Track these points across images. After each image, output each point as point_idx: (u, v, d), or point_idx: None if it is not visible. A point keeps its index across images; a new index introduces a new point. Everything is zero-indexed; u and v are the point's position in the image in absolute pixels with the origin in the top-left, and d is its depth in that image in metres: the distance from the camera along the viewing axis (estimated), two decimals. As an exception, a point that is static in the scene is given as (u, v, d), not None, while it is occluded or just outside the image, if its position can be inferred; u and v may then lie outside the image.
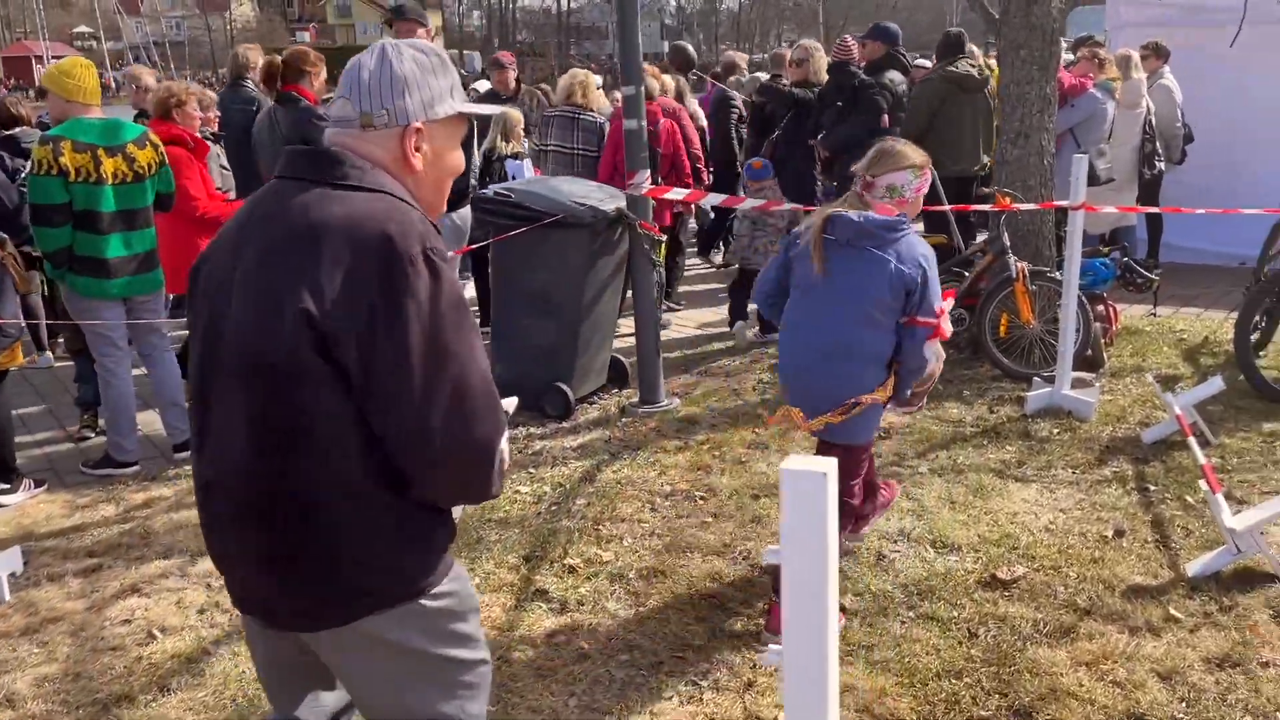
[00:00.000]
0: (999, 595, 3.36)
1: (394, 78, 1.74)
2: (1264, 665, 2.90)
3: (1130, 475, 4.28)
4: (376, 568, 1.72)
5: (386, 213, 1.66)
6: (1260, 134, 7.84)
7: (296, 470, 1.67)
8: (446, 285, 1.65)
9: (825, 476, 1.10)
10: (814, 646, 1.11)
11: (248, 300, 1.68)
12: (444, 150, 1.82)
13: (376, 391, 1.63)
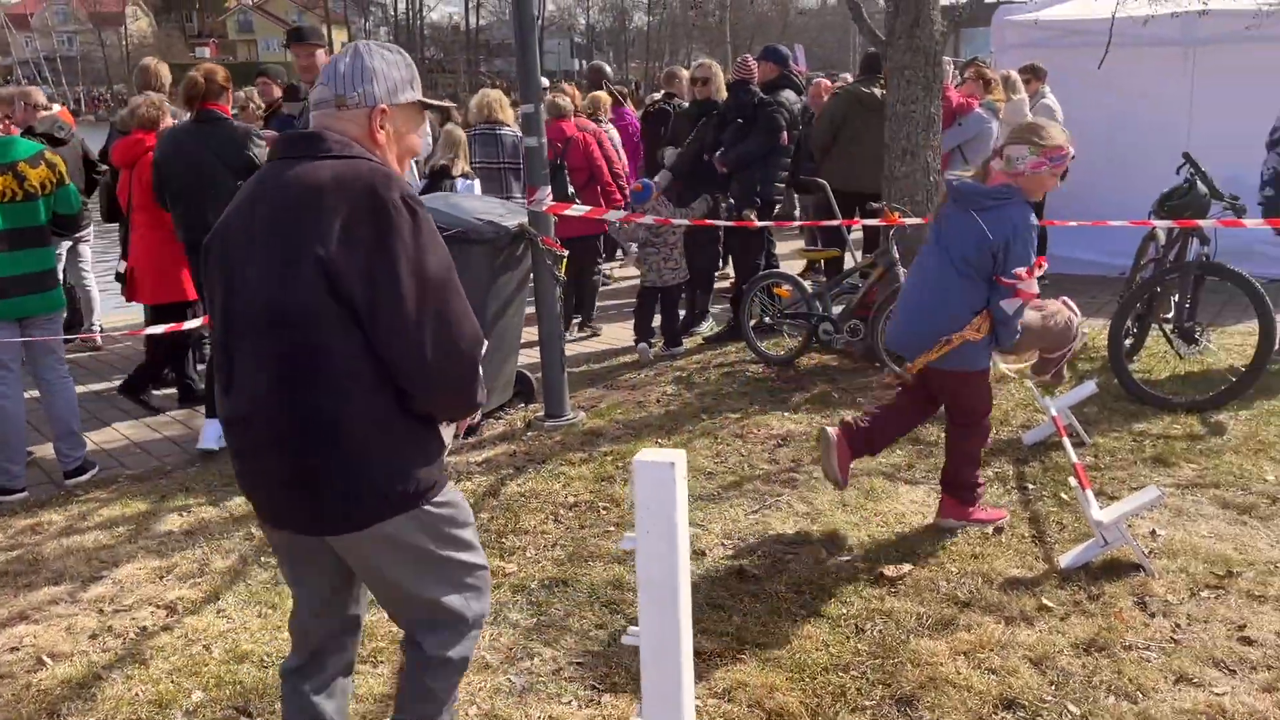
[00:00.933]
0: (885, 591, 3.50)
1: (364, 68, 2.14)
2: (1127, 648, 3.09)
3: (1011, 475, 4.50)
4: (388, 479, 2.08)
5: (369, 170, 2.05)
6: (1132, 150, 8.29)
7: (318, 399, 2.02)
8: (423, 222, 2.03)
9: (673, 466, 1.19)
10: (668, 623, 1.19)
11: (267, 259, 2.03)
12: (404, 131, 2.21)
13: (378, 316, 1.98)
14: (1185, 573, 3.52)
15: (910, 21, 5.83)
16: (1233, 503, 4.07)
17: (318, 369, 2.01)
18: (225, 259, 2.12)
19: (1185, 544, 3.72)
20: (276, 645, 3.31)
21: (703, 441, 5.08)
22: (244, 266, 2.07)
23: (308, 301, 1.98)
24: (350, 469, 2.06)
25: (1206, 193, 5.50)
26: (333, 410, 2.02)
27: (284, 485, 2.10)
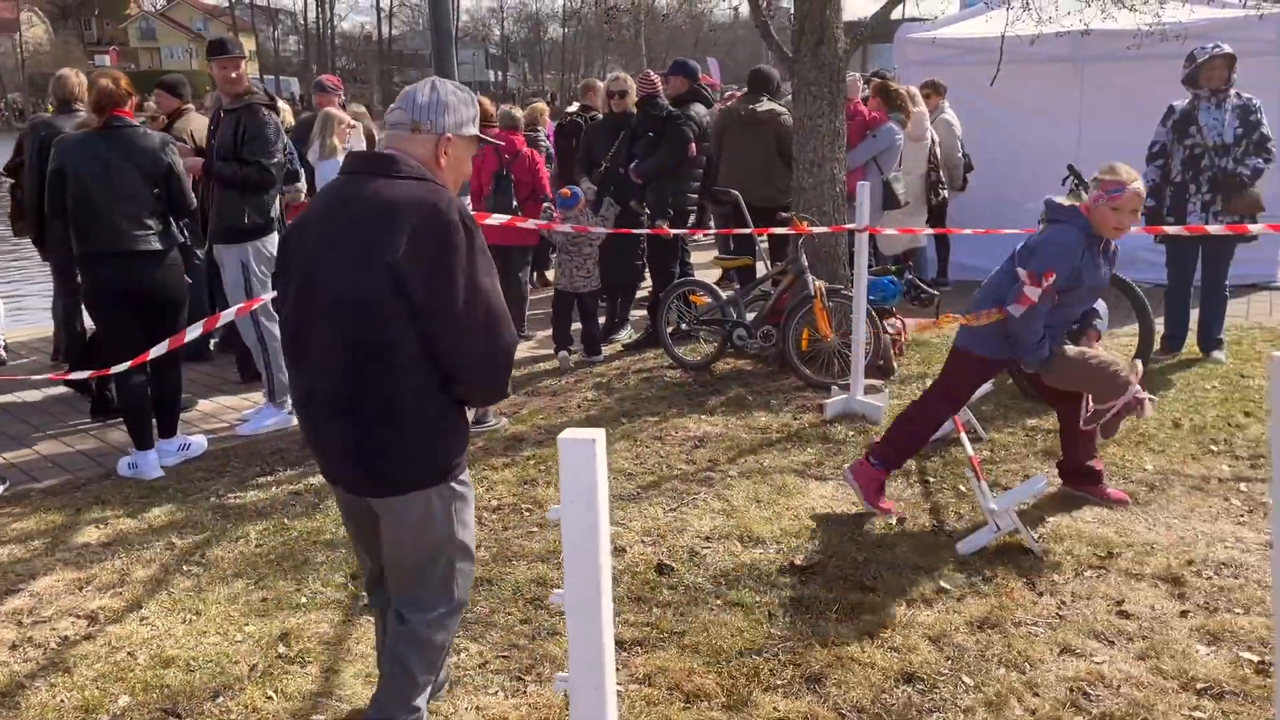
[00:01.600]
0: (796, 580, 3.69)
1: (440, 102, 2.52)
2: (1017, 625, 3.33)
3: (914, 469, 4.74)
4: (426, 454, 2.48)
5: (435, 192, 2.42)
6: (1028, 161, 8.73)
7: (379, 379, 2.40)
8: (477, 239, 2.41)
9: (594, 442, 1.33)
10: (590, 585, 1.32)
11: (343, 259, 2.40)
12: (461, 158, 2.60)
13: (435, 315, 2.36)
14: (1071, 555, 3.79)
15: (815, 40, 6.09)
16: (1114, 490, 4.37)
17: (380, 353, 2.40)
18: (304, 255, 2.49)
19: (1071, 529, 4.00)
20: (203, 649, 3.35)
21: (622, 444, 5.23)
22: (324, 264, 2.44)
23: (377, 298, 2.36)
24: (395, 441, 2.45)
25: (1089, 202, 5.85)
26: (389, 388, 2.42)
27: (342, 451, 2.50)
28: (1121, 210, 3.85)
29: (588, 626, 1.36)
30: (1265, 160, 5.95)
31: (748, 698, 2.99)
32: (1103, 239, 3.96)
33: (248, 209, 5.46)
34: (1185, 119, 6.02)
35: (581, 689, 1.37)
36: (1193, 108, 6.01)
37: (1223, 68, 5.96)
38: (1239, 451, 4.74)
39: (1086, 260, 3.90)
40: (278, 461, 5.19)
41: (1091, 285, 3.99)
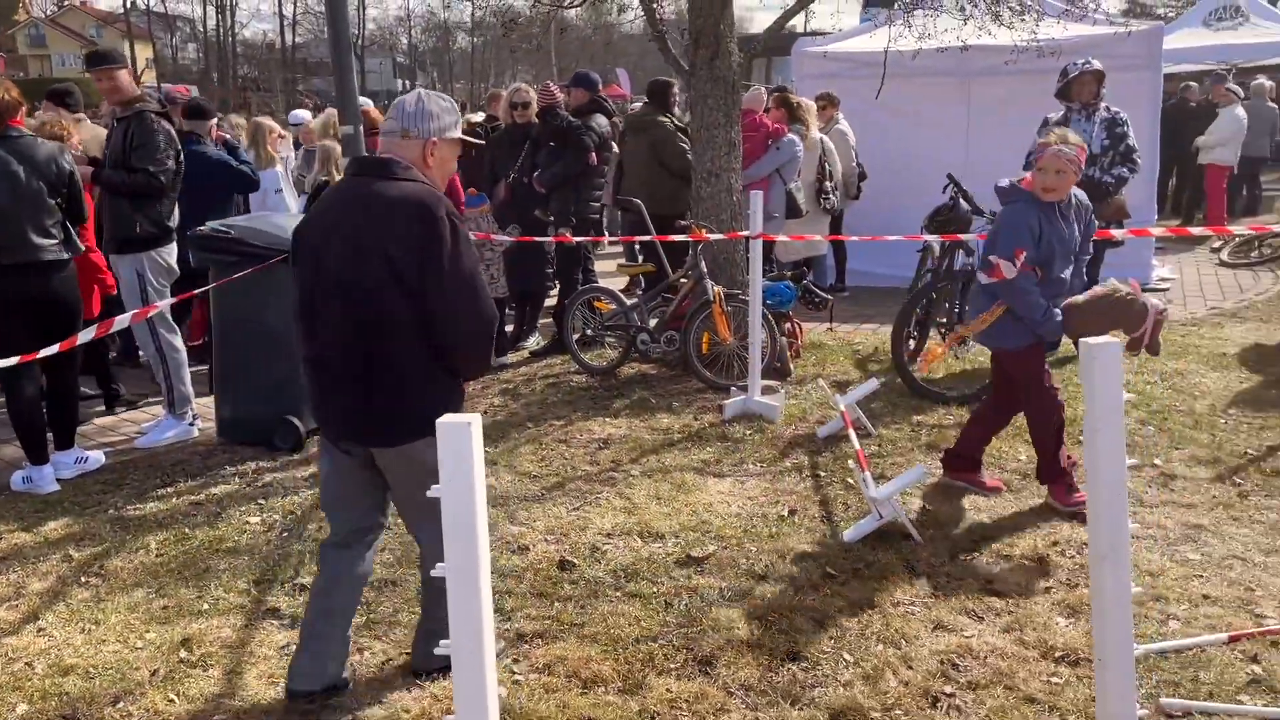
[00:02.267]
0: (693, 571, 3.85)
1: (425, 110, 2.93)
2: (895, 605, 3.54)
3: (806, 465, 4.96)
4: (423, 410, 2.76)
5: (425, 192, 2.85)
6: (918, 171, 9.10)
7: (379, 348, 2.84)
8: (460, 231, 2.83)
9: (469, 425, 1.45)
10: (469, 559, 1.44)
11: (347, 248, 2.83)
12: (446, 159, 3.00)
13: (426, 295, 2.79)
14: (947, 539, 4.03)
15: (710, 54, 6.30)
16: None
17: (379, 327, 2.82)
18: (314, 247, 2.91)
19: (949, 515, 4.25)
20: (102, 657, 3.35)
21: (528, 448, 5.34)
22: (331, 252, 2.86)
23: (376, 281, 2.79)
24: (396, 399, 2.89)
25: (969, 209, 6.19)
26: (388, 356, 2.85)
27: (347, 410, 2.94)
28: (1045, 170, 4.06)
29: (467, 595, 1.48)
30: (1130, 170, 6.36)
31: (642, 681, 3.13)
32: (1055, 204, 4.15)
33: (139, 218, 5.41)
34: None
35: (463, 652, 1.49)
36: (1065, 120, 6.39)
37: (1092, 83, 6.35)
38: (1105, 441, 5.08)
39: (1046, 225, 4.10)
40: (179, 473, 5.15)
41: (1065, 248, 4.18)
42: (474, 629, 1.49)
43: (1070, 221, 4.23)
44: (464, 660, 1.49)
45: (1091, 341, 1.83)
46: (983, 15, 6.95)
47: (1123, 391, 1.90)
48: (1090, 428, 1.93)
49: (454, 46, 76.09)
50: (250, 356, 5.41)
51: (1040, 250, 4.13)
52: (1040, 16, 7.53)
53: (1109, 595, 1.96)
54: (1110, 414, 1.87)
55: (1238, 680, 3.02)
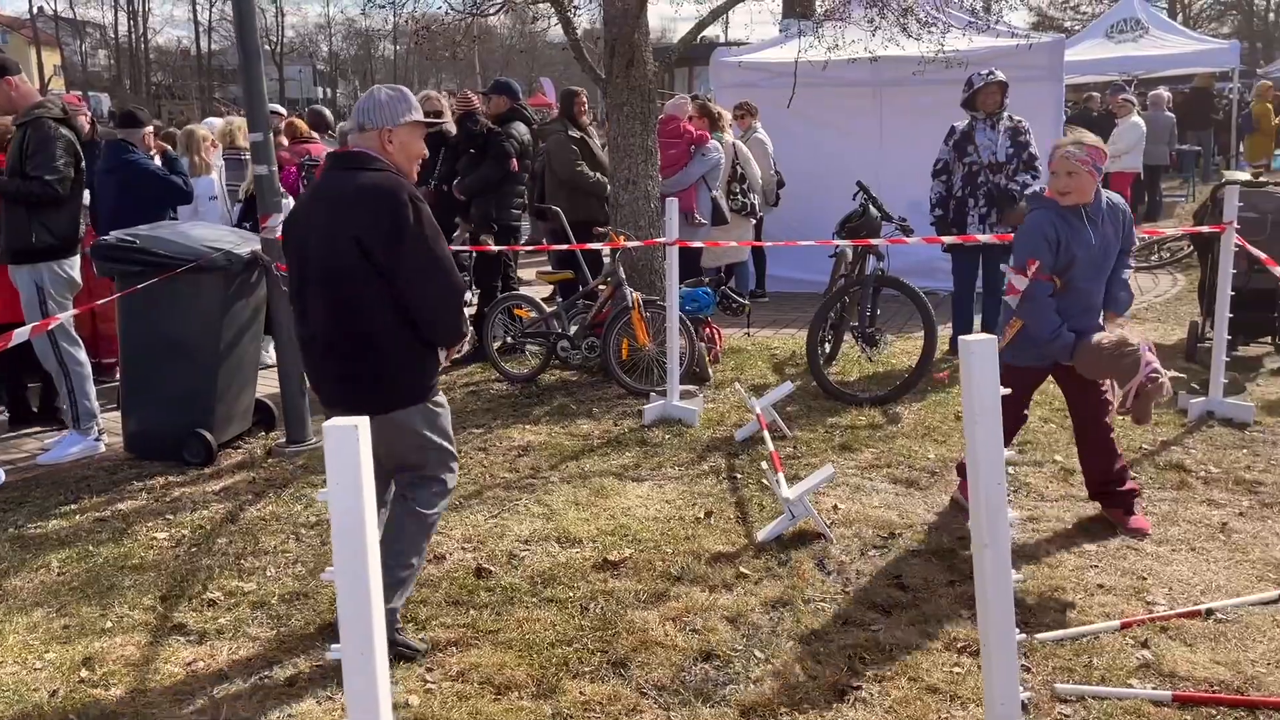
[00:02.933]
0: (609, 575, 3.88)
1: (374, 104, 3.21)
2: (806, 602, 3.62)
3: (723, 468, 5.02)
4: (401, 380, 3.20)
5: (388, 179, 3.12)
6: (834, 178, 9.27)
7: (356, 325, 3.12)
8: (423, 212, 3.12)
9: (357, 428, 1.45)
10: (358, 562, 1.45)
11: (323, 234, 3.13)
12: (408, 141, 3.24)
13: (396, 274, 3.09)
14: (858, 537, 4.12)
15: (625, 62, 6.36)
16: (900, 478, 4.78)
17: (356, 306, 3.11)
18: (298, 236, 3.24)
19: (860, 514, 4.35)
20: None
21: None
22: (311, 239, 3.17)
23: (348, 262, 3.08)
24: (377, 372, 3.18)
25: (878, 215, 6.34)
26: (366, 333, 3.13)
27: (335, 380, 3.24)
28: (1057, 174, 3.89)
29: (357, 600, 1.48)
30: (1033, 177, 6.55)
31: (556, 685, 3.14)
32: (1081, 209, 3.91)
33: (36, 228, 5.24)
34: (964, 139, 6.58)
35: (353, 657, 1.49)
36: (970, 128, 6.58)
37: (996, 93, 6.53)
38: (1011, 440, 5.24)
39: (1065, 233, 3.89)
40: (84, 489, 5.01)
41: (1089, 255, 3.93)
42: (365, 634, 1.49)
43: (1100, 227, 3.95)
44: (355, 666, 1.49)
45: (969, 338, 1.91)
46: (891, 27, 7.12)
47: (999, 386, 1.98)
48: (969, 420, 2.01)
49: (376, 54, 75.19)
50: (157, 368, 5.29)
51: (1060, 259, 3.91)
52: (947, 29, 7.75)
53: (991, 583, 2.04)
54: (988, 407, 1.95)
55: (1129, 665, 3.15)
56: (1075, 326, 3.98)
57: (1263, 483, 4.55)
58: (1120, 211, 4.04)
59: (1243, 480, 4.59)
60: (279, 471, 5.20)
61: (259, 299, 5.54)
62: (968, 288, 6.78)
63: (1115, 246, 4.02)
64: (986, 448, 1.96)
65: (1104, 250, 3.97)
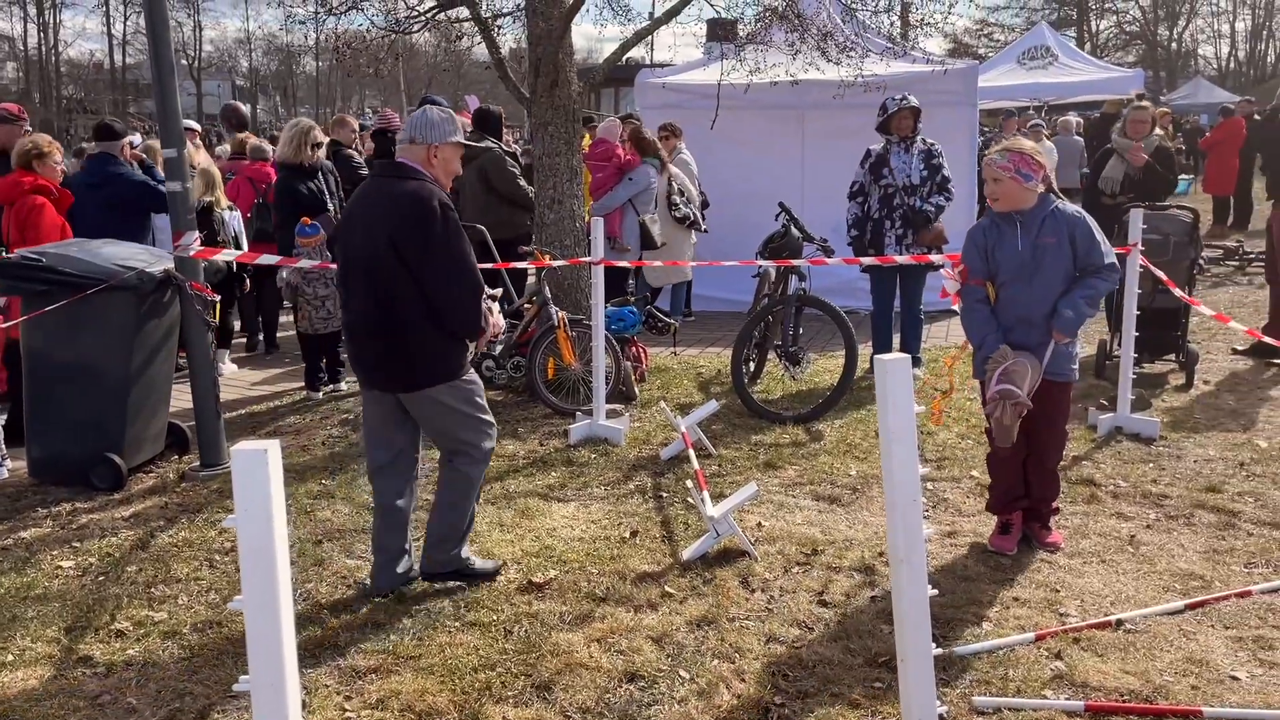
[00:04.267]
0: (533, 597, 3.84)
1: (428, 122, 3.67)
2: (731, 620, 3.63)
3: (649, 487, 5.02)
4: (433, 362, 3.66)
5: (424, 189, 3.58)
6: (759, 199, 9.40)
7: (390, 313, 3.58)
8: (451, 222, 3.56)
9: (265, 452, 1.41)
10: (268, 590, 1.40)
11: (364, 233, 3.60)
12: (448, 159, 3.74)
13: (424, 273, 3.54)
14: (781, 554, 4.16)
15: (550, 82, 6.37)
16: (823, 495, 4.83)
17: (390, 297, 3.57)
18: (346, 233, 3.71)
19: (783, 531, 4.39)
20: (-114, 722, 3.08)
21: (366, 479, 5.20)
22: (355, 237, 3.65)
23: (383, 260, 3.54)
24: (411, 355, 3.63)
25: (800, 236, 6.44)
26: (399, 320, 3.59)
27: (373, 362, 3.71)
28: (986, 181, 3.98)
29: (266, 629, 1.44)
30: (947, 198, 6.74)
31: (479, 712, 3.10)
32: (1015, 215, 3.93)
33: None
34: (879, 162, 6.73)
35: (262, 689, 1.44)
36: (885, 152, 6.74)
37: (909, 117, 6.70)
38: (928, 455, 5.34)
39: (994, 238, 3.96)
40: (-17, 518, 4.80)
41: (1013, 263, 3.93)
42: (275, 665, 1.44)
43: (1036, 235, 3.92)
44: (264, 698, 1.44)
45: (885, 358, 1.95)
46: (811, 51, 7.26)
47: (914, 403, 2.02)
48: (885, 439, 2.04)
49: (298, 70, 73.99)
50: (64, 391, 5.10)
51: (989, 266, 4.00)
52: (865, 54, 7.92)
53: (907, 598, 2.07)
54: (904, 425, 1.98)
55: (1043, 676, 3.22)
56: (1015, 340, 3.98)
57: (1168, 496, 4.72)
58: (1076, 225, 3.94)
59: (1150, 494, 4.75)
60: (192, 496, 5.05)
61: (172, 318, 5.39)
62: (886, 307, 6.91)
63: (1057, 259, 3.93)
64: (902, 466, 2.00)
65: (1035, 258, 3.93)
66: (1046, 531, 4.23)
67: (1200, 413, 6.02)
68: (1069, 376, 4.09)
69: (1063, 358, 4.04)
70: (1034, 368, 3.92)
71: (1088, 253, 3.95)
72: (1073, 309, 3.94)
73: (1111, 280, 4.00)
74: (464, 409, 3.77)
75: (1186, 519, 4.45)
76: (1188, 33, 53.93)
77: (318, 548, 4.37)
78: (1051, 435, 4.15)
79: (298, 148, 6.75)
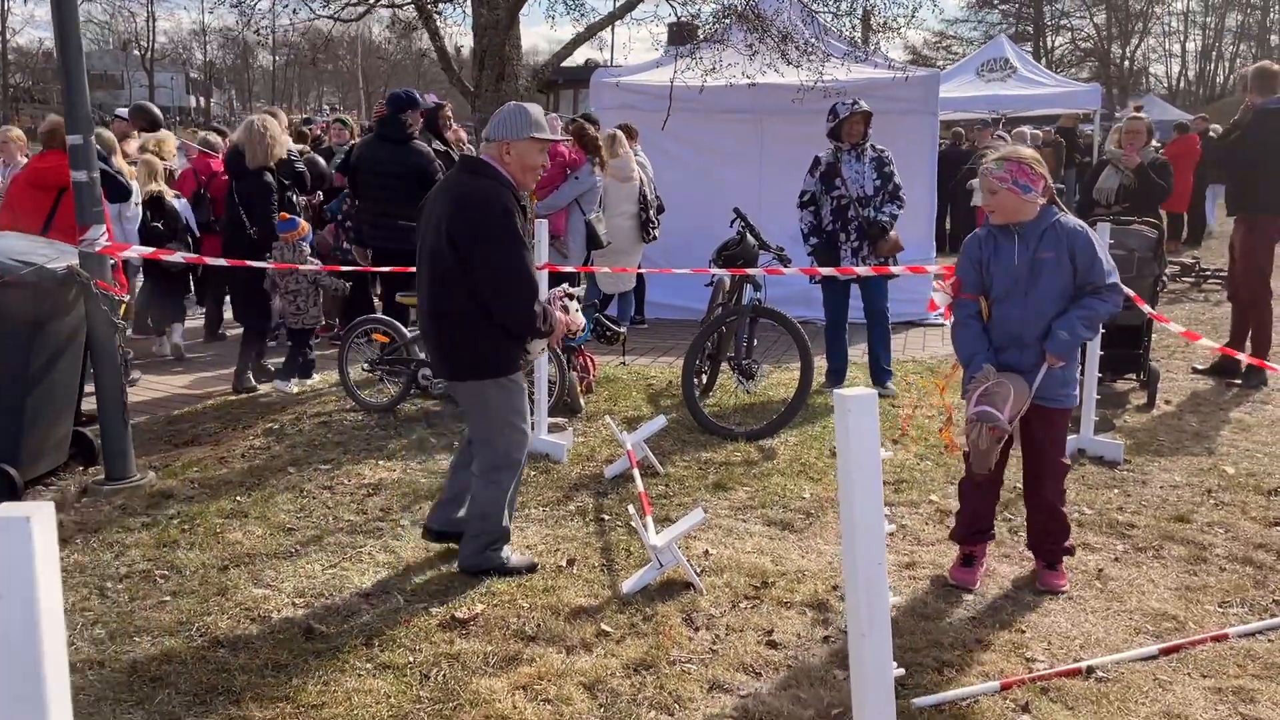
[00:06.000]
0: (456, 635, 3.49)
1: (501, 120, 3.72)
2: (671, 664, 3.31)
3: (591, 508, 4.70)
4: (477, 355, 3.72)
5: (486, 187, 3.66)
6: (716, 205, 9.11)
7: (443, 300, 3.69)
8: (507, 223, 3.59)
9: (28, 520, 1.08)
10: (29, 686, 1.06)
11: (433, 222, 3.70)
12: (523, 154, 3.73)
13: (474, 268, 3.61)
14: (729, 586, 3.85)
15: (496, 75, 6.04)
16: (775, 519, 4.54)
17: (444, 284, 3.68)
18: (422, 222, 3.80)
19: (732, 560, 4.08)
20: None
21: (286, 496, 4.83)
22: (427, 227, 3.74)
23: (440, 250, 3.64)
24: (457, 345, 3.74)
25: (755, 244, 6.15)
26: (449, 309, 3.70)
27: (432, 345, 3.85)
28: (983, 192, 3.73)
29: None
30: (899, 206, 6.45)
31: (384, 772, 2.75)
32: (1015, 229, 3.68)
33: None
34: (830, 170, 6.39)
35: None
36: (836, 159, 6.40)
37: (860, 123, 6.38)
38: (886, 477, 5.03)
39: (990, 251, 3.72)
40: None
41: (1008, 278, 3.68)
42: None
43: (1034, 249, 3.64)
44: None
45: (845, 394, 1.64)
46: (771, 52, 6.99)
47: (879, 447, 1.72)
48: (845, 485, 1.74)
49: (254, 64, 72.57)
50: (-49, 397, 4.66)
51: (984, 281, 3.75)
52: (826, 57, 7.68)
53: (870, 678, 1.77)
54: (867, 472, 1.68)
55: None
56: (1007, 360, 3.72)
57: (1135, 525, 4.48)
58: (1076, 239, 3.62)
59: (1116, 522, 4.52)
60: (93, 514, 4.64)
61: (77, 319, 4.96)
62: (840, 319, 6.59)
63: (1055, 275, 3.63)
64: (865, 518, 1.70)
65: (1031, 273, 3.65)
66: (1051, 573, 3.87)
67: (1164, 435, 5.82)
68: (1064, 402, 3.78)
69: (1056, 382, 3.73)
70: (1019, 391, 3.64)
71: (1087, 270, 3.63)
72: (1068, 330, 3.62)
73: (1112, 302, 3.68)
74: (498, 410, 3.79)
75: (1155, 551, 4.22)
76: (1140, 51, 54.85)
77: (222, 575, 3.98)
78: (1045, 465, 3.83)
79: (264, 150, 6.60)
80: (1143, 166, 7.15)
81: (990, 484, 3.87)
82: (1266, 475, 5.11)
